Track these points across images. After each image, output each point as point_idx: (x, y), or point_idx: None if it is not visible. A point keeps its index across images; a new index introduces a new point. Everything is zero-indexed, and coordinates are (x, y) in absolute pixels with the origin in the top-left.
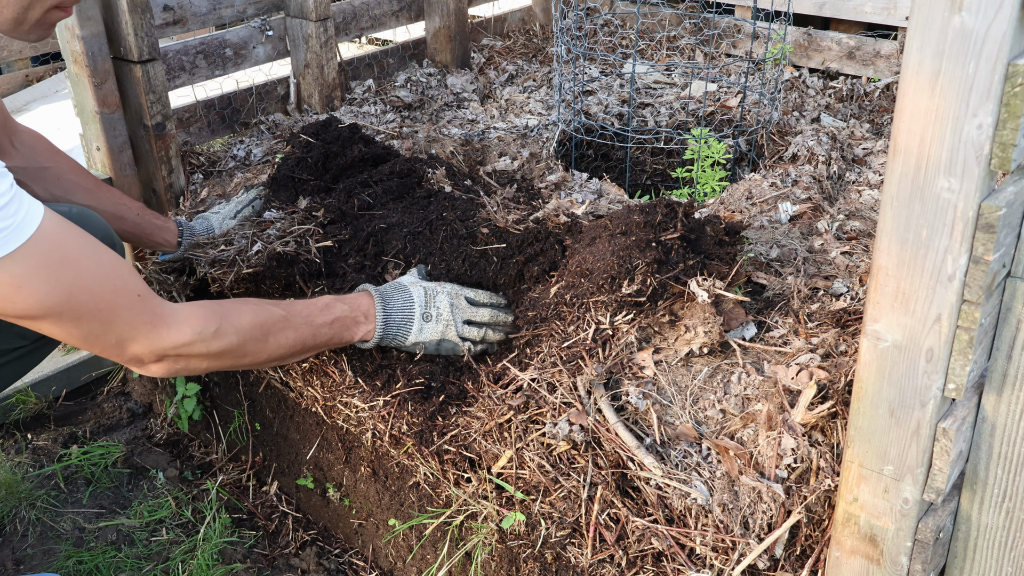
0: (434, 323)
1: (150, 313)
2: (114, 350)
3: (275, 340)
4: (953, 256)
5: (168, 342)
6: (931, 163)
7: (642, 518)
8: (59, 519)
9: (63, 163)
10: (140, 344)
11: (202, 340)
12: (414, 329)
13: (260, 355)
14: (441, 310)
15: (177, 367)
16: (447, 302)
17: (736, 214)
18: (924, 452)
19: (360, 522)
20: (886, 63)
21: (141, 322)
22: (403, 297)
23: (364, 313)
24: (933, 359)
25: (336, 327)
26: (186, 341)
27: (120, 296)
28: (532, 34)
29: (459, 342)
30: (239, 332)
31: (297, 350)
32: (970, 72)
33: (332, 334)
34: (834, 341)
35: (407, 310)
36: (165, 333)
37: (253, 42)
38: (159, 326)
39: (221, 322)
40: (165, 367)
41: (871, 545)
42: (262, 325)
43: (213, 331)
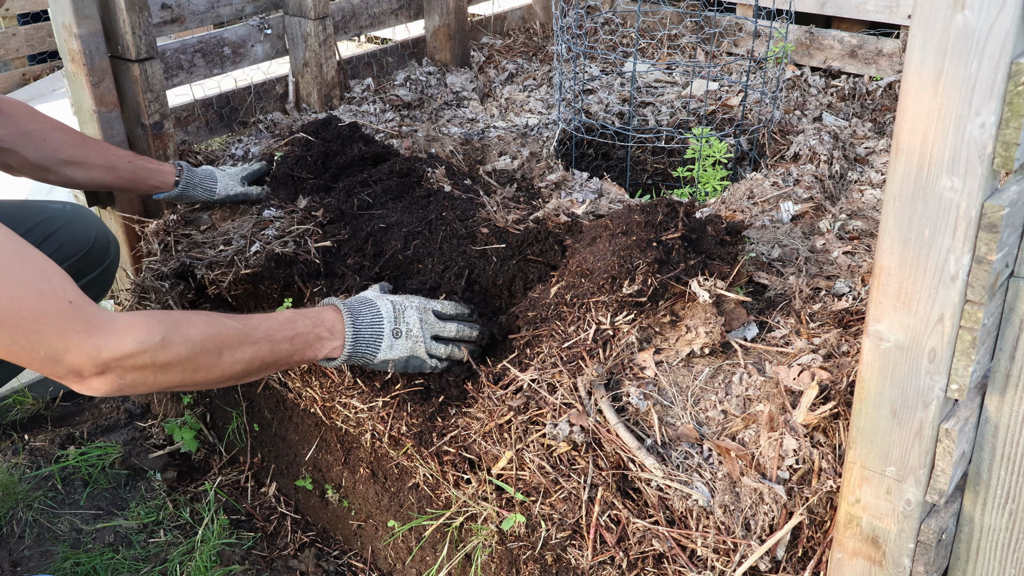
0: (404, 339)
1: (84, 321)
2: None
3: (230, 355)
4: (956, 256)
5: (107, 353)
6: (934, 162)
7: (643, 519)
8: (56, 520)
9: (46, 123)
10: (75, 355)
11: (146, 351)
12: (383, 346)
13: (214, 371)
14: (411, 325)
15: (123, 382)
16: (416, 317)
17: (737, 213)
18: (927, 453)
19: (359, 523)
20: (888, 62)
21: (73, 331)
22: (371, 312)
23: (329, 328)
24: (936, 359)
25: (297, 343)
26: (128, 352)
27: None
28: (532, 32)
29: (426, 359)
30: (189, 343)
31: (255, 367)
32: (973, 71)
33: (293, 351)
34: (836, 341)
35: (376, 325)
36: (103, 342)
37: (251, 40)
38: (95, 335)
39: (167, 331)
40: (108, 382)
41: (873, 547)
42: (215, 338)
43: (159, 341)
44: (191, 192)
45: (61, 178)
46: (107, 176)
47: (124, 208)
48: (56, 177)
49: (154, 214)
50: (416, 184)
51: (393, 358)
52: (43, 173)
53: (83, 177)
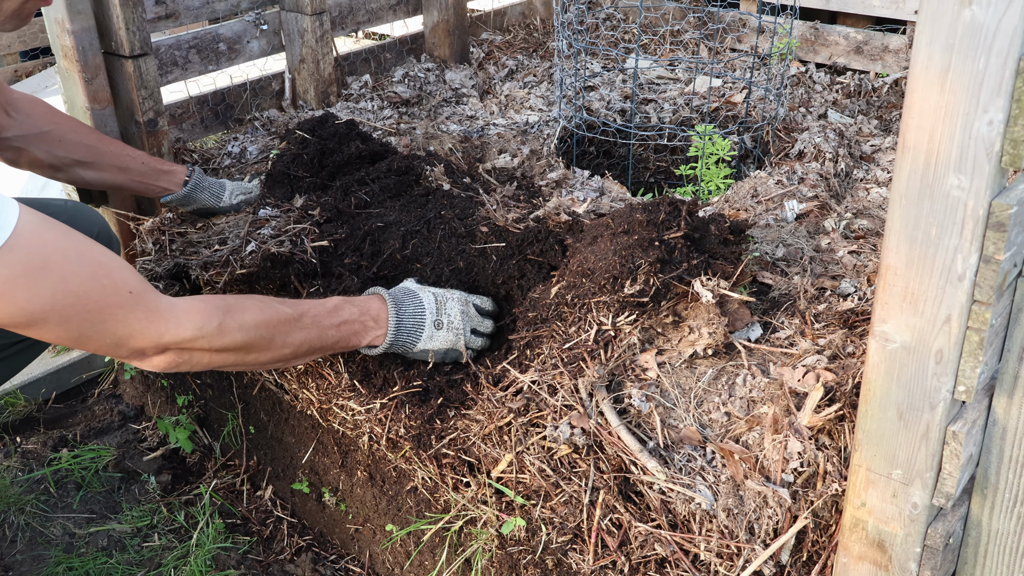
0: (445, 331)
1: (144, 309)
2: (112, 349)
3: (281, 340)
4: (963, 255)
5: (169, 337)
6: (940, 160)
7: (645, 523)
8: (49, 524)
9: (63, 124)
10: (139, 340)
11: (204, 336)
12: (424, 336)
13: (265, 355)
14: (453, 318)
15: (180, 361)
16: (458, 309)
17: (741, 212)
18: (933, 456)
19: (356, 527)
20: (895, 58)
21: (136, 319)
22: (414, 303)
23: (374, 317)
24: (943, 361)
25: (344, 330)
26: (188, 337)
27: (110, 295)
28: (533, 28)
29: (464, 352)
30: (244, 329)
31: (303, 352)
32: (980, 67)
33: (339, 337)
34: (841, 342)
35: (418, 316)
36: (164, 328)
37: (247, 36)
38: (156, 321)
39: (224, 318)
40: (168, 360)
41: (879, 551)
42: (268, 323)
43: (216, 327)
44: (198, 195)
45: (71, 177)
46: (118, 177)
47: (118, 205)
48: (66, 176)
49: (148, 212)
50: (414, 182)
51: (433, 348)
52: (53, 172)
53: (93, 177)
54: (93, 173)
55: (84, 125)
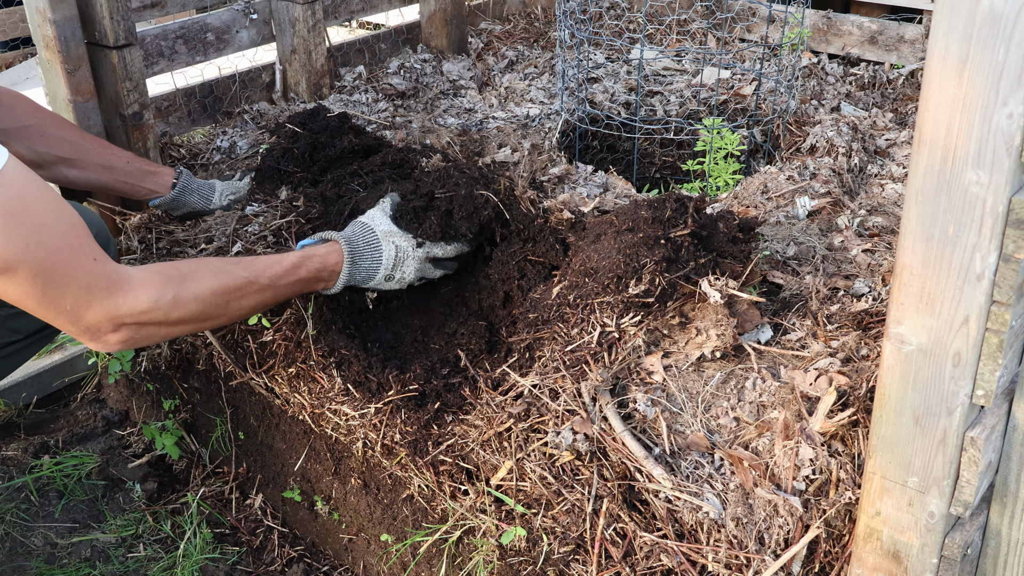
0: (395, 283)
1: (106, 278)
2: (68, 317)
3: (236, 305)
4: (982, 254)
5: (124, 308)
6: (958, 155)
7: (650, 533)
8: (30, 534)
9: (45, 118)
10: (95, 311)
11: (160, 308)
12: (372, 284)
13: (219, 319)
14: (406, 274)
15: (137, 337)
16: (413, 267)
17: (751, 209)
18: (951, 463)
19: (350, 537)
20: (910, 48)
21: (97, 287)
22: (373, 256)
23: (331, 271)
24: (960, 364)
25: (299, 286)
26: (143, 308)
27: (78, 257)
28: (533, 17)
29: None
30: (199, 299)
31: (257, 310)
32: (1000, 58)
33: (292, 292)
34: (855, 344)
35: (372, 270)
36: (121, 299)
37: (236, 26)
38: (115, 292)
39: (179, 289)
40: (123, 337)
41: (895, 562)
42: (224, 291)
43: (171, 299)
44: (187, 198)
45: (54, 176)
46: (103, 176)
47: (102, 199)
48: (49, 175)
49: (134, 207)
50: (409, 176)
51: (381, 289)
52: (35, 169)
53: (77, 176)
54: (77, 172)
55: (67, 121)
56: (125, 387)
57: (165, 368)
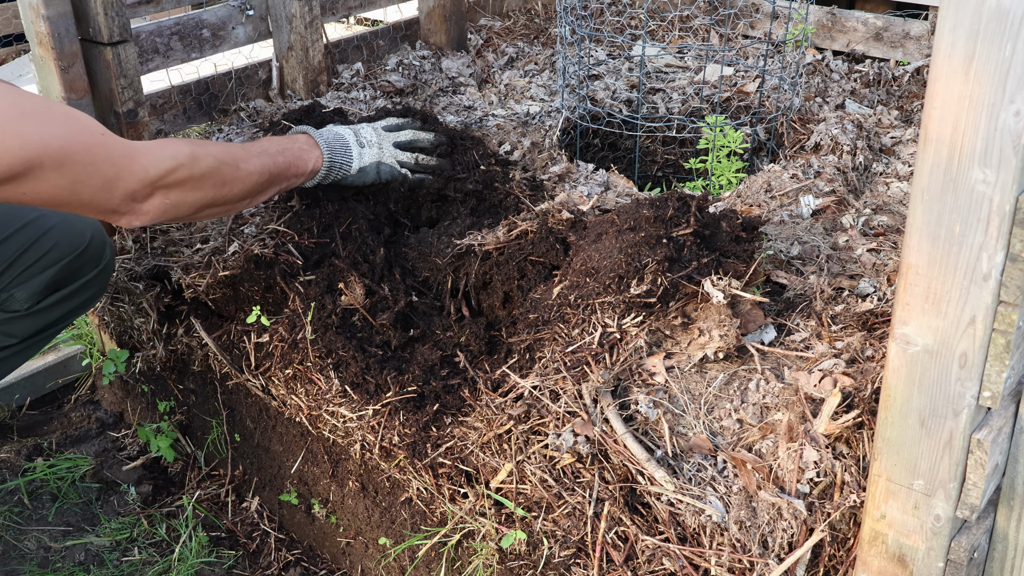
0: (368, 148)
1: (123, 147)
2: (104, 194)
3: (245, 166)
4: (988, 253)
5: (153, 170)
6: (965, 153)
7: (653, 536)
8: (23, 537)
9: None
10: (127, 180)
11: (183, 164)
12: (354, 155)
13: (236, 184)
14: (369, 137)
15: (168, 202)
16: (370, 129)
17: (754, 208)
18: (957, 465)
19: (348, 541)
20: (916, 45)
21: (118, 155)
22: (332, 131)
23: (305, 145)
24: (967, 365)
25: (289, 156)
26: (169, 167)
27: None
28: (534, 14)
29: (395, 165)
30: (212, 156)
31: (264, 180)
32: (1007, 55)
33: (288, 162)
34: (860, 345)
35: (341, 139)
36: (147, 162)
37: (232, 22)
38: (137, 156)
39: (193, 147)
40: (159, 204)
41: (900, 566)
42: (229, 151)
43: (189, 154)
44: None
45: None
46: None
47: None
48: None
49: None
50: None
51: (365, 164)
52: None
53: None
54: None
55: None
56: (120, 388)
57: (160, 369)
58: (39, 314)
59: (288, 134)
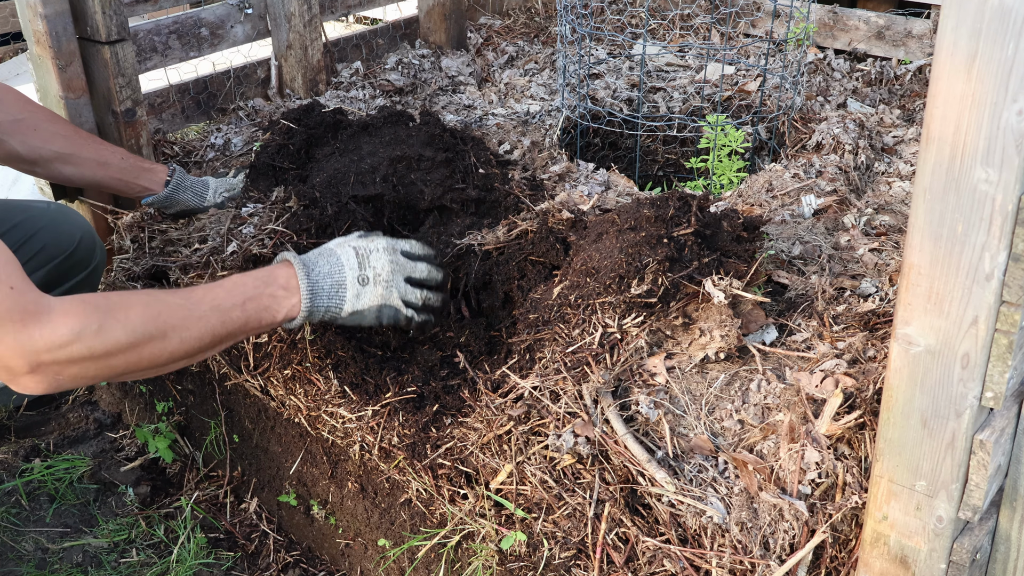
0: (372, 286)
1: (21, 310)
2: None
3: (176, 336)
4: (991, 253)
5: (42, 343)
6: (967, 152)
7: (653, 538)
8: (20, 539)
9: (38, 113)
10: (8, 347)
11: (82, 340)
12: (349, 296)
13: (161, 355)
14: (379, 270)
15: (60, 379)
16: (386, 259)
17: (755, 208)
18: (959, 466)
19: (347, 542)
20: (918, 44)
21: (9, 319)
22: (330, 261)
23: (283, 286)
24: (969, 365)
25: (250, 308)
26: (63, 341)
27: None
28: (534, 12)
29: (401, 307)
30: (128, 329)
31: (207, 343)
32: (1009, 54)
33: (246, 318)
34: (862, 346)
35: (337, 275)
36: (38, 333)
37: (231, 21)
38: (30, 324)
39: (104, 318)
40: (42, 380)
41: (902, 567)
42: (156, 319)
43: (96, 328)
44: (180, 196)
45: (49, 173)
46: (98, 172)
47: (94, 197)
48: (44, 171)
49: (126, 205)
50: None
51: (362, 308)
52: (30, 167)
53: (72, 173)
54: (72, 168)
55: (58, 115)
56: (117, 389)
57: None
58: None
59: (275, 261)
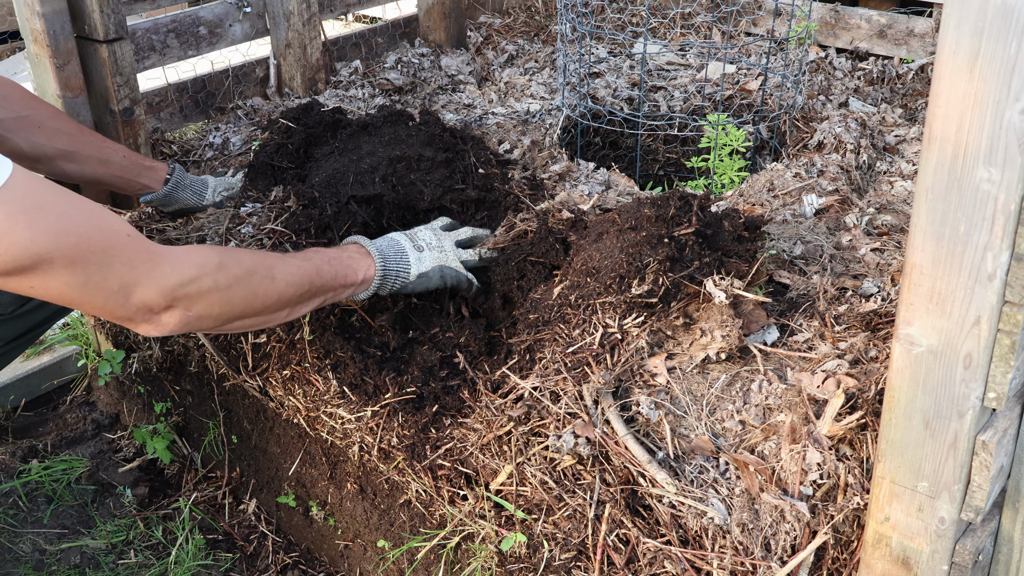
0: (428, 251)
1: (147, 251)
2: (118, 299)
3: (282, 277)
4: (993, 253)
5: (175, 278)
6: (969, 152)
7: (654, 539)
8: (18, 540)
9: (42, 109)
10: (146, 287)
11: (207, 273)
12: (412, 260)
13: (271, 294)
14: (429, 240)
15: (191, 315)
16: (429, 232)
17: (756, 207)
18: (962, 467)
19: (346, 543)
20: (920, 42)
21: (140, 260)
22: (387, 239)
23: (355, 253)
24: (971, 366)
25: (336, 265)
26: (192, 276)
27: (109, 236)
28: (534, 11)
29: (460, 267)
30: (242, 264)
31: (305, 291)
32: (1012, 52)
33: (334, 272)
34: (863, 346)
35: (396, 246)
36: (169, 269)
37: (229, 19)
38: (159, 263)
39: (222, 256)
40: (177, 316)
41: (904, 568)
42: (263, 260)
43: (216, 263)
44: (179, 194)
45: (51, 170)
46: (99, 170)
47: (91, 196)
48: (46, 168)
49: (124, 204)
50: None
51: (426, 270)
52: (32, 163)
53: (74, 170)
54: (74, 166)
55: (62, 112)
56: (115, 389)
57: (156, 370)
58: (24, 317)
59: (339, 245)
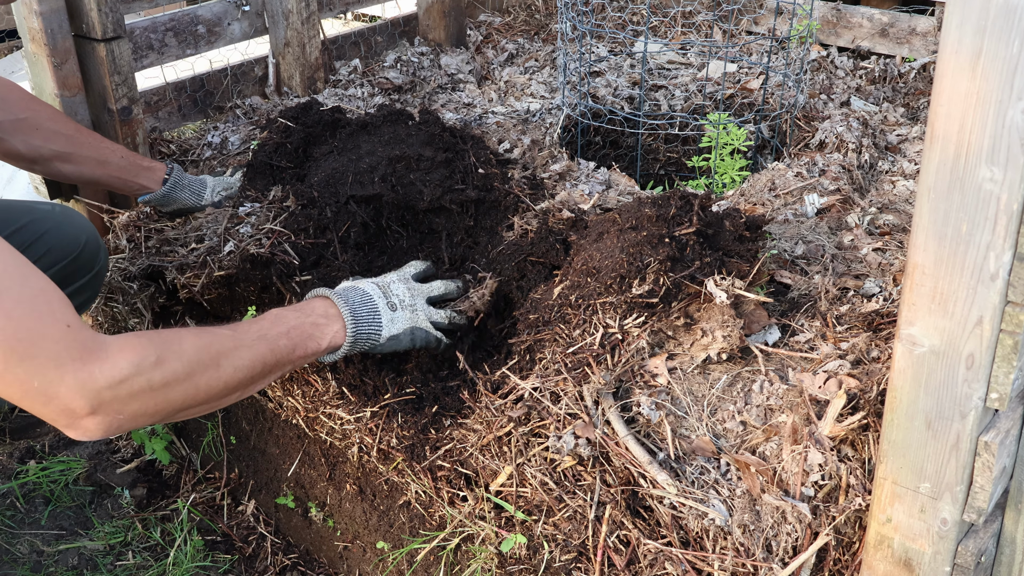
0: (401, 310)
1: (80, 347)
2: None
3: (229, 364)
4: (996, 253)
5: (103, 380)
6: (972, 151)
7: (655, 540)
8: (15, 541)
9: (40, 111)
10: (69, 387)
11: (142, 372)
12: (384, 321)
13: (216, 384)
14: (402, 296)
15: (120, 418)
16: (403, 287)
17: (758, 207)
18: (964, 468)
19: (345, 545)
20: (922, 41)
21: (69, 358)
22: (358, 292)
23: (323, 315)
24: (974, 366)
25: (295, 336)
26: (124, 376)
27: (46, 324)
28: (534, 9)
29: (431, 329)
30: (183, 358)
31: (259, 372)
32: (1015, 51)
33: (293, 345)
34: (865, 346)
35: (368, 303)
36: (98, 369)
37: (228, 18)
38: (90, 361)
39: (160, 350)
40: (103, 420)
41: (906, 570)
42: (209, 347)
43: (153, 360)
44: (178, 194)
45: (48, 171)
46: (97, 171)
47: (90, 196)
48: (43, 169)
49: (122, 204)
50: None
51: (397, 332)
52: (29, 164)
53: (71, 171)
54: (71, 167)
55: (61, 113)
56: None
57: None
58: None
59: (306, 298)
